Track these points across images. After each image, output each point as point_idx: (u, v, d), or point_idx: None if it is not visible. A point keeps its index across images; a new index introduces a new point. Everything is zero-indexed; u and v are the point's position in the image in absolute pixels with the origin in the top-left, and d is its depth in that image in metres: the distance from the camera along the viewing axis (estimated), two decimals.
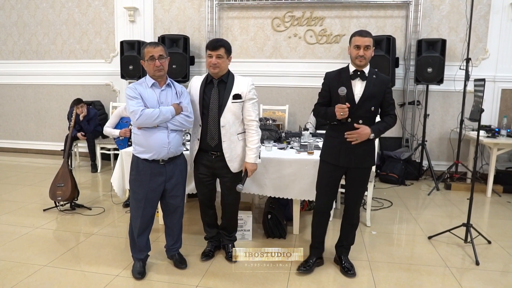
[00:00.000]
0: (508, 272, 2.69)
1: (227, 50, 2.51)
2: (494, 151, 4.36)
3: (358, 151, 2.45)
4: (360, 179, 2.55)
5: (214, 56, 2.46)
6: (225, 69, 2.55)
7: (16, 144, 6.65)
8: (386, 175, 4.95)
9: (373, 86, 2.41)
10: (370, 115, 2.44)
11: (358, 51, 2.36)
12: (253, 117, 2.57)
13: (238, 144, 2.59)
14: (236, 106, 2.53)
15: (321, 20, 5.38)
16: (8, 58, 6.45)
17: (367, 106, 2.42)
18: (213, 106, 2.53)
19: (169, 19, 5.75)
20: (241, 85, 2.55)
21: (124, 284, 2.44)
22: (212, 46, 2.48)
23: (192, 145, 2.68)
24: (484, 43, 5.04)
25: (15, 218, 3.55)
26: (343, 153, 2.46)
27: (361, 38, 2.36)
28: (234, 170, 2.60)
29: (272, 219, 3.15)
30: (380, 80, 2.44)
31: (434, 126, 5.28)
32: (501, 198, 4.41)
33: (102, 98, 6.10)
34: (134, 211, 2.50)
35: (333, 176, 2.55)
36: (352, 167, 2.49)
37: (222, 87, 2.54)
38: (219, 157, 2.57)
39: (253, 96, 2.58)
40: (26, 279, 2.48)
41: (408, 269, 2.70)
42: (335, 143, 2.50)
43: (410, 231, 3.43)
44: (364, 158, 2.48)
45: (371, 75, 2.43)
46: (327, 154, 2.55)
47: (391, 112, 2.52)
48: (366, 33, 2.38)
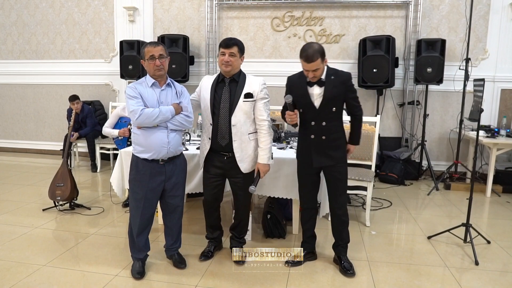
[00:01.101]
0: (507, 272, 2.69)
1: (240, 49, 2.50)
2: (494, 151, 4.36)
3: (327, 150, 2.51)
4: (335, 176, 2.57)
5: (227, 54, 2.45)
6: (237, 68, 2.53)
7: (16, 144, 6.65)
8: (385, 175, 4.95)
9: (333, 88, 2.43)
10: (332, 116, 2.48)
11: (308, 73, 2.38)
12: (265, 117, 2.55)
13: (249, 144, 2.57)
14: (248, 105, 2.52)
15: (320, 20, 5.38)
16: (7, 57, 6.45)
17: (328, 108, 2.46)
18: (224, 105, 2.51)
19: (168, 19, 5.75)
20: (253, 84, 2.54)
21: (123, 284, 2.44)
22: (225, 44, 2.47)
23: (203, 144, 2.65)
24: (483, 43, 5.05)
25: (15, 218, 3.54)
26: (314, 154, 2.52)
27: (307, 64, 2.34)
28: (244, 171, 2.58)
29: (271, 219, 3.15)
30: (340, 80, 2.46)
31: (433, 126, 5.28)
32: (500, 198, 4.41)
33: (102, 98, 6.10)
34: (134, 210, 2.50)
35: (309, 174, 2.63)
36: (325, 166, 2.55)
37: (234, 86, 2.53)
38: (230, 158, 2.55)
39: (265, 96, 2.57)
40: (25, 278, 2.48)
41: (407, 269, 2.70)
42: (305, 145, 2.58)
43: (409, 231, 3.43)
44: (335, 155, 2.52)
45: (329, 77, 2.44)
46: (300, 154, 2.64)
47: (357, 113, 2.57)
48: (312, 56, 2.30)
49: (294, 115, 2.46)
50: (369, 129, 3.73)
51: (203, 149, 2.66)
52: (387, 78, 4.79)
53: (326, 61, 2.42)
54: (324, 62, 2.39)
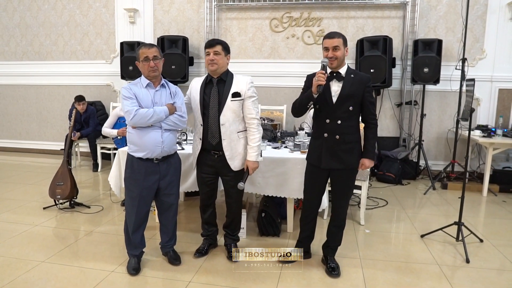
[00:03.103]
0: (497, 270, 2.72)
1: (224, 48, 2.55)
2: (490, 151, 4.38)
3: (339, 152, 2.44)
4: (343, 181, 2.54)
5: (212, 53, 2.51)
6: (223, 66, 2.57)
7: (19, 144, 6.75)
8: (383, 174, 4.98)
9: (351, 86, 2.40)
10: (348, 115, 2.42)
11: (327, 53, 2.38)
12: (254, 115, 2.60)
13: (238, 142, 2.62)
14: (236, 104, 2.56)
15: (318, 21, 5.42)
16: (11, 59, 6.55)
17: (345, 106, 2.41)
18: (213, 105, 2.56)
19: (168, 20, 5.82)
20: (240, 84, 2.58)
21: (119, 280, 2.50)
22: (209, 43, 2.55)
23: (195, 145, 2.72)
24: (481, 43, 5.06)
25: (16, 216, 3.62)
26: (325, 154, 2.46)
27: (329, 40, 2.38)
28: (234, 168, 2.63)
29: (266, 217, 3.20)
30: (359, 79, 2.43)
31: (431, 125, 5.30)
32: (496, 198, 4.42)
33: (103, 98, 6.17)
34: (129, 208, 2.56)
35: (317, 177, 2.57)
36: (334, 169, 2.49)
37: (222, 86, 2.58)
38: (221, 156, 2.61)
39: (253, 94, 2.61)
40: (24, 274, 2.55)
41: (399, 267, 2.74)
42: (317, 144, 2.52)
43: (403, 230, 3.46)
44: (346, 159, 2.46)
45: (348, 75, 2.43)
46: (310, 155, 2.59)
47: (372, 121, 2.49)
48: (334, 34, 2.39)
49: (323, 75, 2.30)
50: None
51: (195, 149, 2.73)
52: (384, 78, 4.82)
53: (347, 51, 2.44)
54: (346, 49, 2.41)
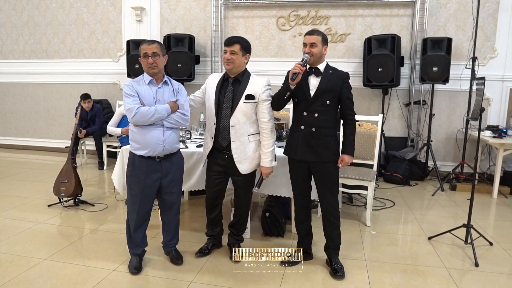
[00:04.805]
0: (508, 274, 2.64)
1: (242, 47, 2.47)
2: (501, 152, 4.28)
3: (314, 144, 2.48)
4: (322, 174, 2.53)
5: (228, 52, 2.45)
6: (240, 66, 2.50)
7: (26, 142, 6.81)
8: (390, 175, 4.90)
9: (329, 81, 2.46)
10: (325, 109, 2.46)
11: (305, 48, 2.45)
12: (267, 120, 2.52)
13: (248, 145, 2.55)
14: (249, 106, 2.49)
15: (326, 19, 5.36)
16: (19, 57, 6.60)
17: (322, 99, 2.45)
18: (226, 105, 2.51)
19: (175, 18, 5.80)
20: (255, 85, 2.51)
21: (120, 279, 2.48)
22: (227, 41, 2.49)
23: (205, 143, 2.68)
24: (492, 42, 4.95)
25: (20, 213, 3.63)
26: (301, 146, 2.50)
27: (308, 36, 2.46)
28: (242, 172, 2.57)
29: (270, 217, 3.15)
30: (337, 75, 2.49)
31: (440, 126, 5.20)
32: (507, 200, 4.32)
33: (110, 96, 6.19)
34: (131, 206, 2.54)
35: (297, 171, 2.59)
36: (311, 161, 2.51)
37: (237, 86, 2.52)
38: (230, 157, 2.56)
39: (268, 98, 2.53)
40: (25, 271, 2.54)
41: (405, 269, 2.67)
42: (294, 136, 2.56)
43: (410, 232, 3.39)
44: (321, 152, 2.48)
45: (327, 70, 2.49)
46: (287, 148, 2.64)
47: (350, 117, 2.53)
48: (314, 32, 2.47)
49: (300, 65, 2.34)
50: (371, 128, 3.71)
51: (205, 147, 2.68)
52: (392, 77, 4.74)
53: (326, 49, 2.49)
54: (324, 48, 2.47)
